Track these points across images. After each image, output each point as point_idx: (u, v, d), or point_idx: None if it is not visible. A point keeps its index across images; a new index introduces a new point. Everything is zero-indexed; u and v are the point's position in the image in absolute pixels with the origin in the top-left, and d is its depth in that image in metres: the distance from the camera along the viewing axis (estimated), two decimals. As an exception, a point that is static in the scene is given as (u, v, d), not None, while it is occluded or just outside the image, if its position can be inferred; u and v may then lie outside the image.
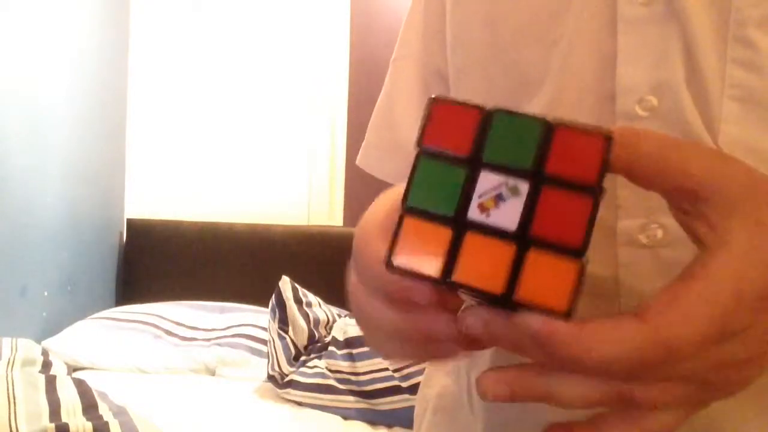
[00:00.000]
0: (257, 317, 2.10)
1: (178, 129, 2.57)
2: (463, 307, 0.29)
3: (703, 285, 0.26)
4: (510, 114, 0.27)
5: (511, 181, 0.26)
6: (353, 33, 2.54)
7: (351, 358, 1.73)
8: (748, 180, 0.28)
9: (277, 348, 1.81)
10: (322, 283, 2.11)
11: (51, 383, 1.49)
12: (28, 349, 1.70)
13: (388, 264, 0.27)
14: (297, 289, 1.94)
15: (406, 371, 1.67)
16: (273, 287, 1.91)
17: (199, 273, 2.43)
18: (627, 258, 0.38)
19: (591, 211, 0.26)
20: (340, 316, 2.00)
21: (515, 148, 0.27)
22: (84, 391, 1.45)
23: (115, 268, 2.50)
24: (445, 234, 0.27)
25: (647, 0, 0.38)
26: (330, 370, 1.74)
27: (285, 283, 1.91)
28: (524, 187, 0.26)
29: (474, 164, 0.27)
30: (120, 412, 1.35)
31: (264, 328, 2.00)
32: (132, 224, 2.51)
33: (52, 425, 1.24)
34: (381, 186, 0.46)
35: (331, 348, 1.78)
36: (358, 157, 0.61)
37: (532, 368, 0.28)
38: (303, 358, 1.81)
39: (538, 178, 0.26)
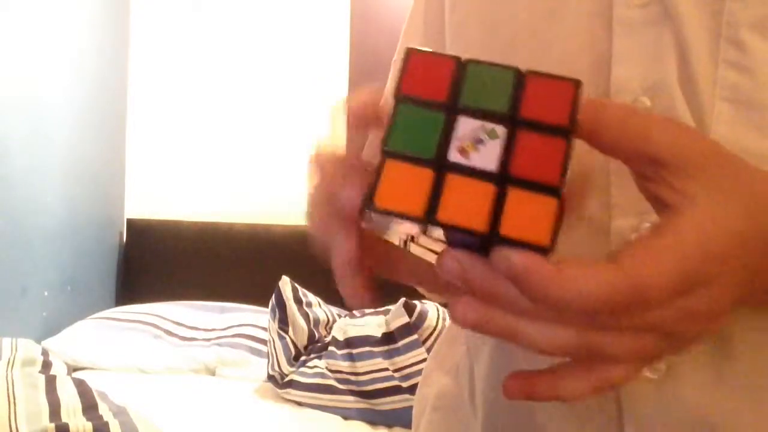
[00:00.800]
0: (257, 317, 2.10)
1: (178, 129, 2.57)
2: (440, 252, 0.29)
3: (672, 238, 0.27)
4: (483, 63, 0.29)
5: (489, 125, 0.27)
6: (353, 33, 2.54)
7: (351, 358, 1.73)
8: (708, 150, 0.29)
9: (277, 348, 1.81)
10: (322, 283, 2.10)
11: (51, 383, 1.49)
12: (28, 349, 1.70)
13: (370, 205, 0.27)
14: (297, 289, 1.94)
15: (406, 371, 1.67)
16: (273, 287, 1.91)
17: (199, 273, 2.43)
18: None
19: (565, 151, 0.27)
20: (340, 316, 2.00)
21: (491, 94, 0.28)
22: (84, 391, 1.46)
23: (115, 268, 2.50)
24: (426, 175, 0.27)
25: (643, 2, 0.38)
26: (330, 370, 1.74)
27: (285, 283, 1.91)
28: (502, 130, 0.27)
29: (451, 109, 0.28)
30: (120, 412, 1.35)
31: (264, 328, 2.00)
32: (132, 224, 2.51)
33: (52, 425, 1.24)
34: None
35: (331, 348, 1.78)
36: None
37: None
38: (303, 358, 1.81)
39: (514, 121, 0.27)
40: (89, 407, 1.36)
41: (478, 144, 0.27)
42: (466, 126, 0.28)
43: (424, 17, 0.55)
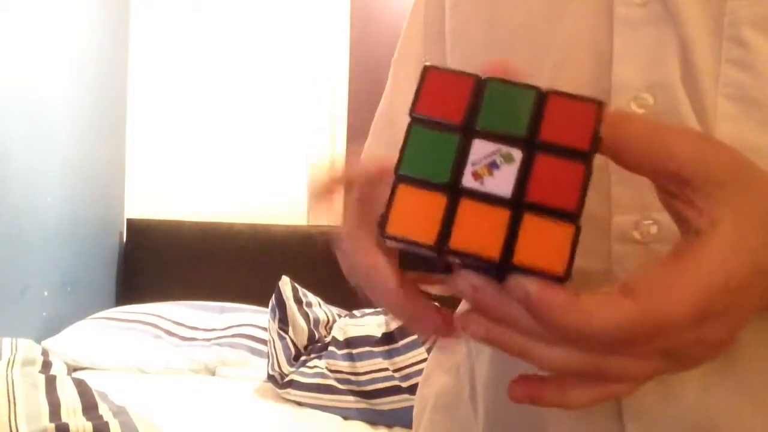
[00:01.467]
0: (257, 317, 2.10)
1: (178, 129, 2.57)
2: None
3: (694, 268, 0.27)
4: (503, 82, 0.28)
5: (505, 148, 0.27)
6: (353, 33, 2.54)
7: (351, 358, 1.73)
8: (732, 166, 0.28)
9: (277, 348, 1.81)
10: (322, 283, 2.11)
11: (51, 383, 1.49)
12: (28, 349, 1.70)
13: (383, 232, 0.27)
14: (297, 289, 1.94)
15: (406, 371, 1.67)
16: (273, 287, 1.91)
17: (199, 273, 2.43)
18: (620, 254, 0.38)
19: (585, 176, 0.26)
20: (340, 316, 2.00)
21: (509, 116, 0.27)
22: (84, 391, 1.46)
23: (115, 268, 2.50)
24: (439, 201, 0.27)
25: (644, 1, 0.38)
26: (330, 370, 1.74)
27: (285, 283, 1.91)
28: (518, 154, 0.26)
29: (467, 132, 0.27)
30: (120, 412, 1.35)
31: (264, 328, 2.00)
32: (132, 224, 2.51)
33: (52, 425, 1.24)
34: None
35: (331, 348, 1.78)
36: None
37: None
38: (303, 358, 1.81)
39: (531, 145, 0.27)
40: (89, 407, 1.36)
41: (493, 168, 0.26)
42: (481, 149, 0.27)
43: (425, 17, 0.55)
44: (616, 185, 0.38)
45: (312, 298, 1.98)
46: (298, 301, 1.91)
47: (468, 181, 0.26)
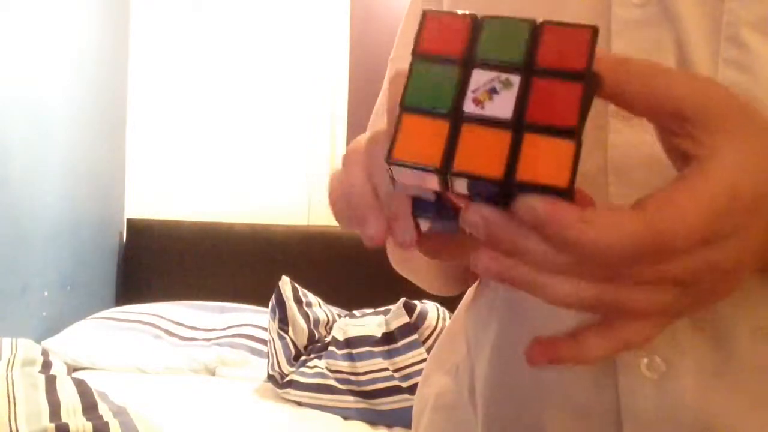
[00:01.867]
0: (257, 317, 2.10)
1: (178, 129, 2.57)
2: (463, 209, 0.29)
3: (699, 184, 0.27)
4: (499, 18, 0.29)
5: (503, 75, 0.27)
6: (353, 33, 2.54)
7: (351, 358, 1.73)
8: (729, 100, 0.29)
9: (277, 348, 1.81)
10: (322, 283, 2.11)
11: (51, 383, 1.49)
12: (28, 349, 1.70)
13: (388, 158, 0.28)
14: (297, 289, 1.94)
15: (406, 371, 1.67)
16: (273, 287, 1.91)
17: (199, 273, 2.43)
18: None
19: (582, 94, 0.26)
20: (340, 316, 2.00)
21: (506, 47, 0.28)
22: (84, 391, 1.46)
23: (115, 268, 2.50)
24: (442, 127, 0.27)
25: (642, 2, 0.38)
26: (330, 370, 1.74)
27: (285, 283, 1.91)
28: (516, 79, 0.27)
29: (467, 64, 0.28)
30: (120, 412, 1.35)
31: (264, 328, 2.00)
32: (132, 224, 2.51)
33: (52, 425, 1.24)
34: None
35: (331, 348, 1.78)
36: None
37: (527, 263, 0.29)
38: (303, 358, 1.81)
39: (529, 70, 0.27)
40: (89, 407, 1.36)
41: (492, 94, 0.27)
42: (481, 78, 0.28)
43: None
44: (614, 186, 0.38)
45: (312, 298, 1.98)
46: (298, 301, 1.91)
47: (469, 106, 0.27)
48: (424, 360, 1.63)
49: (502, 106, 0.27)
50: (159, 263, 2.46)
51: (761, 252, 0.29)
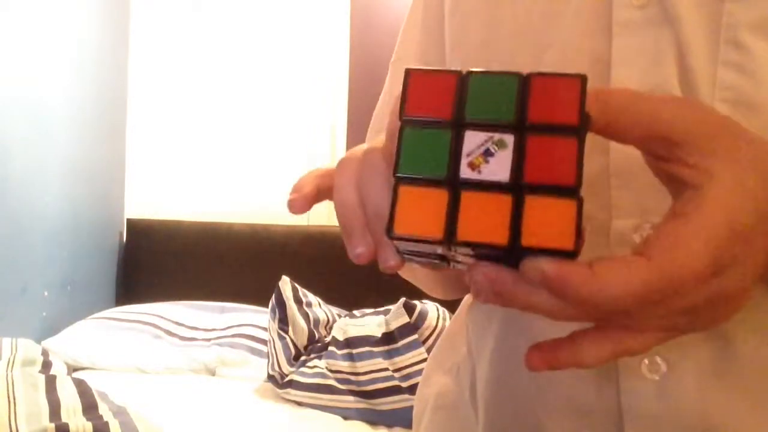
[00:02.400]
0: (257, 317, 2.10)
1: (178, 129, 2.57)
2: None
3: (700, 221, 0.27)
4: (485, 73, 0.28)
5: (497, 135, 0.27)
6: (353, 33, 2.54)
7: (351, 358, 1.73)
8: (718, 121, 0.29)
9: (277, 348, 1.81)
10: (322, 283, 2.11)
11: (51, 383, 1.49)
12: (28, 349, 1.70)
13: (389, 233, 0.27)
14: (297, 289, 1.94)
15: (406, 371, 1.67)
16: (273, 287, 1.91)
17: (199, 273, 2.43)
18: None
19: (578, 149, 0.26)
20: (340, 316, 2.00)
21: (496, 104, 0.27)
22: (84, 391, 1.45)
23: (115, 268, 2.50)
24: (441, 196, 0.27)
25: (642, 3, 0.38)
26: (330, 370, 1.74)
27: (285, 283, 1.91)
28: (510, 139, 0.27)
29: (457, 126, 0.28)
30: (120, 412, 1.35)
31: (264, 328, 2.00)
32: (132, 224, 2.51)
33: (52, 425, 1.24)
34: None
35: (331, 348, 1.78)
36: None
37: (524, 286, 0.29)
38: (303, 358, 1.81)
39: (522, 127, 0.27)
40: (89, 407, 1.36)
41: (488, 156, 0.27)
42: (473, 140, 0.27)
43: (423, 18, 0.55)
44: (616, 190, 0.38)
45: (312, 298, 1.98)
46: (298, 301, 1.91)
47: (465, 172, 0.27)
48: (424, 360, 1.63)
49: (499, 169, 0.26)
50: (159, 263, 2.46)
51: (762, 271, 0.29)
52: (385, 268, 0.32)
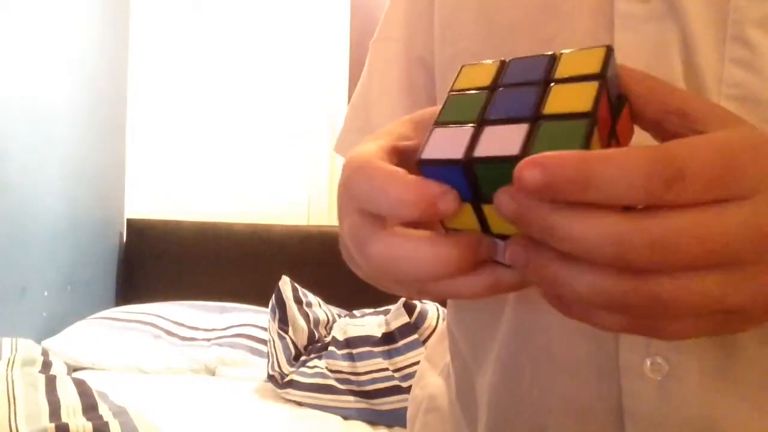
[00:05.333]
0: (257, 317, 2.10)
1: (178, 129, 2.57)
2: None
3: (715, 133, 0.25)
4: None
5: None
6: (353, 33, 2.53)
7: (351, 358, 1.73)
8: (729, 111, 0.28)
9: (277, 348, 1.81)
10: (322, 283, 2.11)
11: (51, 383, 1.49)
12: (28, 349, 1.70)
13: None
14: (297, 289, 1.94)
15: (406, 371, 1.67)
16: (273, 287, 1.91)
17: (199, 273, 2.43)
18: None
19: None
20: (340, 316, 2.00)
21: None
22: (84, 391, 1.45)
23: (115, 268, 2.50)
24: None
25: None
26: (330, 370, 1.74)
27: (285, 283, 1.91)
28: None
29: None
30: (120, 412, 1.35)
31: (264, 328, 2.00)
32: (132, 224, 2.51)
33: (52, 425, 1.23)
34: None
35: (331, 348, 1.78)
36: (335, 144, 0.60)
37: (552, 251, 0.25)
38: (303, 358, 1.81)
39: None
40: (89, 407, 1.36)
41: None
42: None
43: (409, 0, 0.55)
44: None
45: (312, 298, 1.98)
46: (298, 301, 1.91)
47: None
48: (424, 360, 1.63)
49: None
50: (159, 263, 2.46)
51: None
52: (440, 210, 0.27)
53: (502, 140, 0.27)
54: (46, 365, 1.67)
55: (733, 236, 0.23)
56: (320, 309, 1.98)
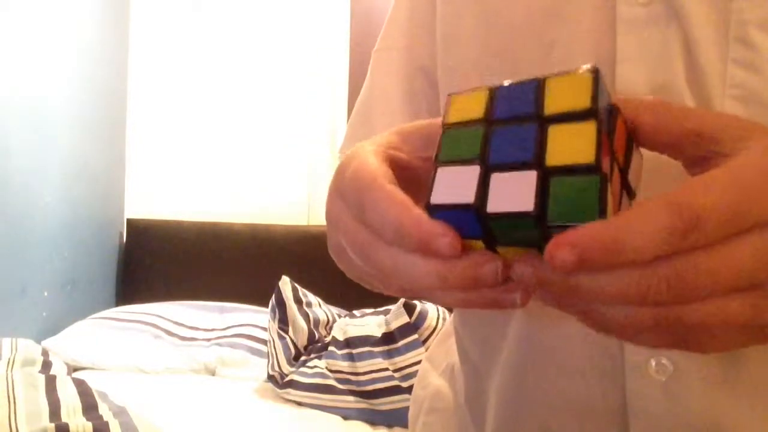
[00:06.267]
0: (257, 317, 2.10)
1: (178, 129, 2.57)
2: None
3: (725, 167, 0.25)
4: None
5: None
6: (353, 33, 2.53)
7: (351, 358, 1.73)
8: (749, 123, 0.28)
9: (277, 348, 1.81)
10: (322, 283, 2.11)
11: (51, 383, 1.49)
12: (28, 349, 1.70)
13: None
14: (297, 289, 1.94)
15: (406, 371, 1.67)
16: (273, 287, 1.91)
17: (199, 273, 2.43)
18: None
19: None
20: (340, 316, 2.00)
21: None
22: (84, 391, 1.45)
23: (115, 268, 2.50)
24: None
25: (646, 0, 0.38)
26: (330, 370, 1.74)
27: (285, 283, 1.91)
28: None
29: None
30: (120, 412, 1.35)
31: (264, 328, 2.00)
32: (132, 224, 2.51)
33: (52, 425, 1.23)
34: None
35: (331, 348, 1.78)
36: (339, 151, 0.61)
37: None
38: (303, 358, 1.81)
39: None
40: (89, 407, 1.36)
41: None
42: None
43: (410, 9, 0.55)
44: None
45: (312, 298, 1.98)
46: (298, 301, 1.91)
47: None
48: (424, 360, 1.63)
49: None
50: (159, 263, 2.46)
51: None
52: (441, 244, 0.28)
53: (512, 192, 0.27)
54: (46, 365, 1.67)
55: (745, 265, 0.25)
56: (320, 309, 1.98)
